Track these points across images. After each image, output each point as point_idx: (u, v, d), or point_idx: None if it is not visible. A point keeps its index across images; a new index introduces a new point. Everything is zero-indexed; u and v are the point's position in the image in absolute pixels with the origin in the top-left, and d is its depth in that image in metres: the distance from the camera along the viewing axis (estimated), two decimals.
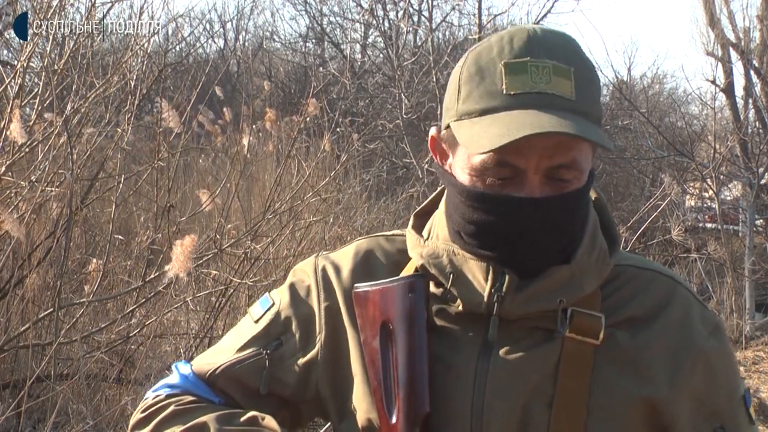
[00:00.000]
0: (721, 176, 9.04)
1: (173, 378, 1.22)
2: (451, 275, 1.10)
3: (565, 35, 1.08)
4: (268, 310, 1.22)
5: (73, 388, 3.85)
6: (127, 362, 4.25)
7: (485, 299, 1.08)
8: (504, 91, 1.03)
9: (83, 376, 3.84)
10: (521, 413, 1.06)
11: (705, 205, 10.79)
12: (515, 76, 1.03)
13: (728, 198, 10.41)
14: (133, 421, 1.19)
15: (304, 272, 1.23)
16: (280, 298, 1.22)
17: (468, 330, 1.10)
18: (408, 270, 1.16)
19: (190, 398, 1.18)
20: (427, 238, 1.16)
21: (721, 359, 1.11)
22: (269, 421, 1.12)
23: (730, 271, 8.43)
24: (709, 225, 10.47)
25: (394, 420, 1.07)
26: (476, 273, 1.09)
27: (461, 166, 1.08)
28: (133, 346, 4.28)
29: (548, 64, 1.03)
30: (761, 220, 10.02)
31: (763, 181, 9.17)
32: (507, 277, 1.07)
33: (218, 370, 1.19)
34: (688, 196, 10.71)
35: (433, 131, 1.15)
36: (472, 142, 1.03)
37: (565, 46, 1.06)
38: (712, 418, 1.09)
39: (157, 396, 1.20)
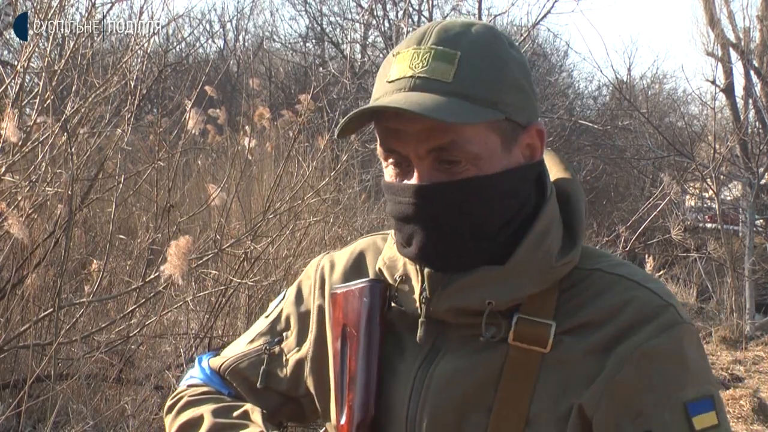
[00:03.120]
0: (721, 176, 9.04)
1: (196, 370, 1.31)
2: (400, 279, 1.11)
3: (483, 28, 1.07)
4: (277, 306, 1.28)
5: (73, 388, 3.85)
6: (127, 362, 4.25)
7: (417, 302, 1.08)
8: (387, 80, 1.05)
9: (83, 376, 3.84)
10: (457, 419, 1.05)
11: (705, 205, 10.80)
12: (397, 65, 1.05)
13: (728, 198, 10.42)
14: (165, 407, 1.29)
15: (311, 268, 1.27)
16: (287, 294, 1.27)
17: (415, 336, 1.09)
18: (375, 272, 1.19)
19: (203, 389, 1.26)
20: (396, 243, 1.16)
21: (664, 360, 1.02)
22: (256, 416, 1.16)
23: (730, 271, 8.43)
24: (709, 225, 10.47)
25: (343, 421, 1.10)
26: (413, 277, 1.10)
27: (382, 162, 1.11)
28: (133, 346, 4.28)
29: (432, 49, 1.03)
30: (761, 220, 10.03)
31: (763, 181, 9.17)
32: (426, 274, 1.06)
33: (225, 364, 1.27)
34: (688, 196, 10.71)
35: None
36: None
37: (466, 34, 1.04)
38: (639, 420, 1.01)
39: (182, 386, 1.30)
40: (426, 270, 1.07)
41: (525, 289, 1.05)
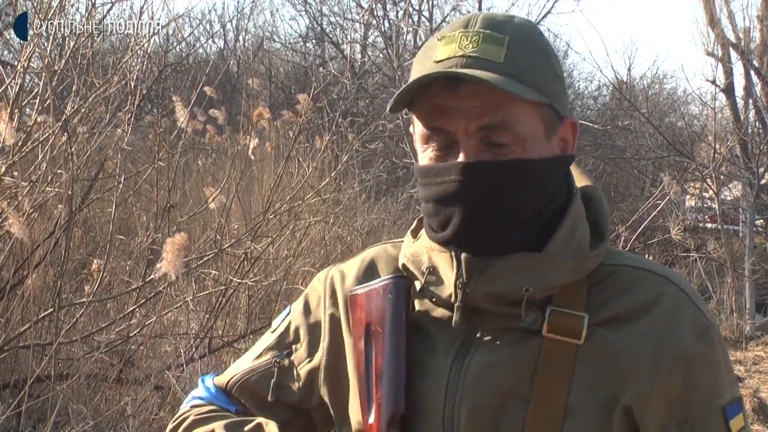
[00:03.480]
0: (721, 176, 9.04)
1: (199, 390, 1.29)
2: (427, 271, 1.10)
3: (524, 21, 1.09)
4: (284, 320, 1.26)
5: (73, 388, 3.85)
6: (127, 362, 4.25)
7: (452, 288, 1.07)
8: (434, 60, 1.05)
9: (83, 376, 3.84)
10: (495, 413, 1.05)
11: (705, 205, 10.79)
12: (445, 46, 1.05)
13: (728, 198, 10.41)
14: (168, 429, 1.26)
15: (318, 281, 1.26)
16: (294, 308, 1.26)
17: (447, 330, 1.09)
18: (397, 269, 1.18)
19: (209, 408, 1.24)
20: (417, 239, 1.16)
21: (705, 366, 1.06)
22: (272, 427, 1.14)
23: (730, 271, 8.43)
24: (709, 225, 10.47)
25: (371, 420, 1.08)
26: (445, 265, 1.09)
27: (418, 146, 1.10)
28: (133, 346, 4.28)
29: (481, 33, 1.04)
30: (761, 220, 10.02)
31: (763, 181, 9.17)
32: (463, 262, 1.06)
33: (232, 380, 1.25)
34: (688, 196, 10.71)
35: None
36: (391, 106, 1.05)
37: (512, 23, 1.07)
38: (684, 426, 1.04)
39: (186, 407, 1.27)
40: (463, 255, 1.06)
41: (561, 278, 1.06)
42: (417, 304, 1.13)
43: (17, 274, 3.93)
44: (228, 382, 1.25)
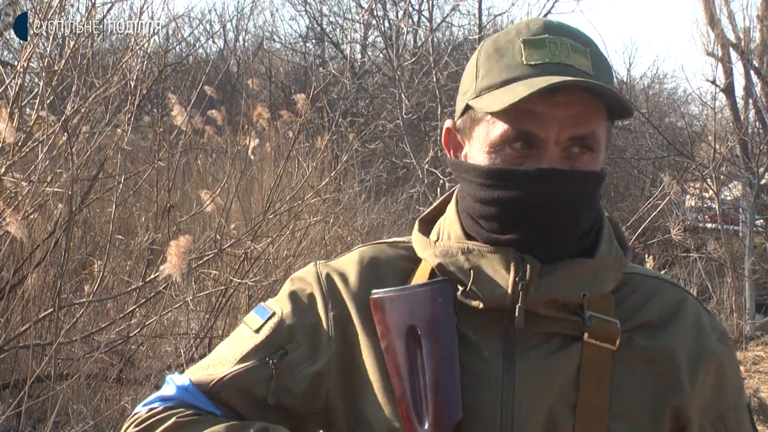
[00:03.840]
0: (721, 176, 9.03)
1: (168, 390, 1.16)
2: (471, 271, 1.08)
3: (578, 29, 1.11)
4: (269, 319, 1.17)
5: (73, 388, 3.85)
6: (127, 362, 4.25)
7: (509, 289, 1.06)
8: (524, 62, 1.04)
9: (83, 376, 3.84)
10: (547, 418, 1.05)
11: (705, 205, 10.79)
12: (534, 49, 1.04)
13: (728, 198, 10.41)
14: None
15: (304, 281, 1.20)
16: (280, 307, 1.18)
17: (488, 334, 1.08)
18: (420, 275, 1.14)
19: (191, 410, 1.13)
20: (437, 240, 1.14)
21: (730, 366, 1.13)
22: (282, 430, 1.08)
23: (730, 271, 8.43)
24: (709, 225, 10.46)
25: (426, 426, 1.05)
26: (496, 265, 1.07)
27: (479, 147, 1.07)
28: (133, 346, 4.29)
29: (566, 41, 1.05)
30: (761, 220, 10.02)
31: (763, 181, 9.17)
32: (528, 265, 1.05)
33: (223, 380, 1.14)
34: (688, 196, 10.71)
35: (448, 123, 1.15)
36: (493, 103, 1.03)
37: (580, 32, 1.09)
38: (717, 423, 1.10)
39: (152, 409, 1.14)
40: (526, 257, 1.06)
41: (608, 284, 1.09)
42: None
43: (17, 274, 3.93)
44: (214, 382, 1.14)
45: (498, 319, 1.08)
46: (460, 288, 1.09)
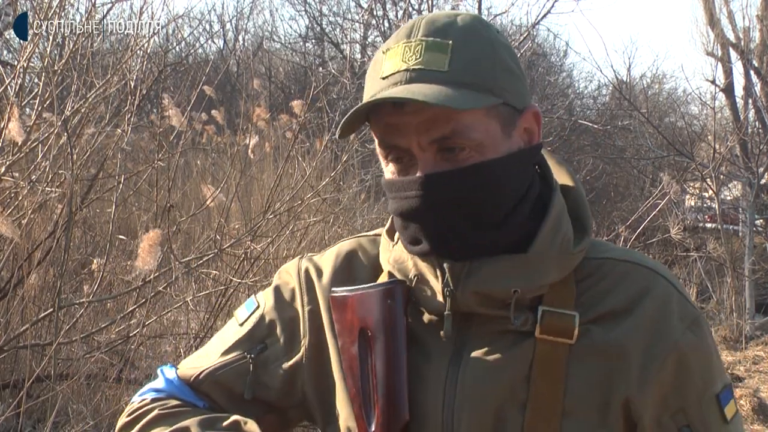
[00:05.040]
0: (721, 176, 9.04)
1: (159, 382, 1.21)
2: (415, 278, 1.09)
3: (468, 17, 1.07)
4: (253, 313, 1.20)
5: (73, 388, 3.85)
6: (127, 362, 4.25)
7: (440, 297, 1.06)
8: (381, 76, 1.04)
9: (83, 376, 3.84)
10: (493, 418, 1.04)
11: (705, 205, 10.79)
12: (389, 60, 1.04)
13: (728, 198, 10.41)
14: (119, 424, 1.18)
15: (288, 274, 1.22)
16: (264, 301, 1.21)
17: (437, 336, 1.08)
18: (384, 276, 1.14)
19: (175, 402, 1.17)
20: (396, 242, 1.14)
21: (696, 355, 1.07)
22: (251, 425, 1.10)
23: (730, 271, 8.43)
24: (709, 225, 10.47)
25: (372, 428, 1.06)
26: (429, 273, 1.08)
27: (381, 163, 1.10)
28: (133, 346, 4.28)
29: (424, 41, 1.03)
30: (761, 220, 10.02)
31: (763, 181, 9.17)
32: (446, 267, 1.04)
33: (202, 374, 1.18)
34: (687, 196, 10.71)
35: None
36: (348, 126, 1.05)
37: (455, 24, 1.05)
38: (678, 416, 1.06)
39: (143, 400, 1.19)
40: (445, 263, 1.05)
41: (548, 277, 1.05)
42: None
43: (17, 274, 3.92)
44: (196, 375, 1.19)
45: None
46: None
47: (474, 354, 1.06)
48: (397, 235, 1.14)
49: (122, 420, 1.18)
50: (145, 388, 1.22)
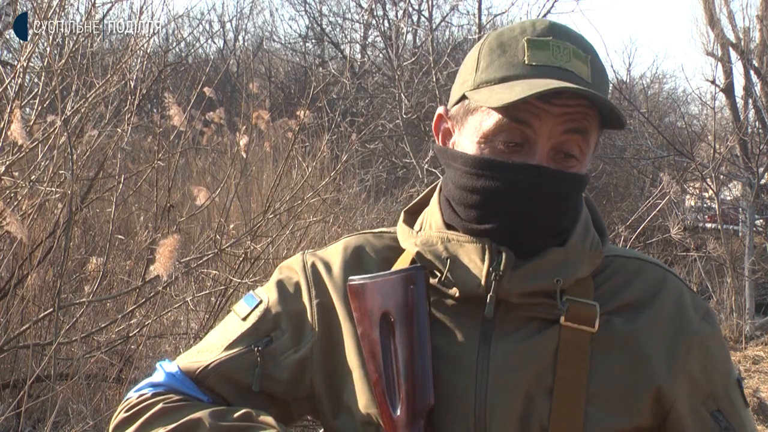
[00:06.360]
0: (721, 176, 9.04)
1: (158, 377, 1.19)
2: (448, 260, 1.10)
3: (587, 39, 1.13)
4: (256, 307, 1.20)
5: (73, 388, 3.85)
6: (127, 362, 4.25)
7: (483, 279, 1.08)
8: (525, 62, 1.06)
9: (83, 376, 3.84)
10: (523, 402, 1.06)
11: (705, 204, 10.79)
12: (537, 50, 1.06)
13: (728, 198, 10.41)
14: (115, 421, 1.15)
15: (291, 269, 1.22)
16: (267, 295, 1.21)
17: (466, 320, 1.10)
18: (401, 263, 1.16)
19: (179, 396, 1.15)
20: (419, 231, 1.16)
21: (715, 343, 1.13)
22: (265, 417, 1.10)
23: (730, 271, 8.43)
24: (709, 225, 10.47)
25: (398, 413, 1.06)
26: (472, 255, 1.09)
27: (470, 137, 1.09)
28: (133, 346, 4.28)
29: (569, 46, 1.06)
30: (761, 220, 10.02)
31: (763, 181, 9.17)
32: (504, 255, 1.07)
33: (209, 367, 1.17)
34: (687, 196, 10.71)
35: (440, 109, 1.16)
36: (491, 98, 1.05)
37: (583, 38, 1.10)
38: (709, 401, 1.10)
39: (142, 395, 1.17)
40: (503, 250, 1.08)
41: (582, 270, 1.10)
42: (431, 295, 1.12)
43: (17, 274, 3.92)
44: (200, 369, 1.17)
45: (475, 306, 1.09)
46: (438, 275, 1.12)
47: (503, 339, 1.08)
48: (420, 223, 1.17)
49: (119, 416, 1.15)
50: (142, 383, 1.20)
